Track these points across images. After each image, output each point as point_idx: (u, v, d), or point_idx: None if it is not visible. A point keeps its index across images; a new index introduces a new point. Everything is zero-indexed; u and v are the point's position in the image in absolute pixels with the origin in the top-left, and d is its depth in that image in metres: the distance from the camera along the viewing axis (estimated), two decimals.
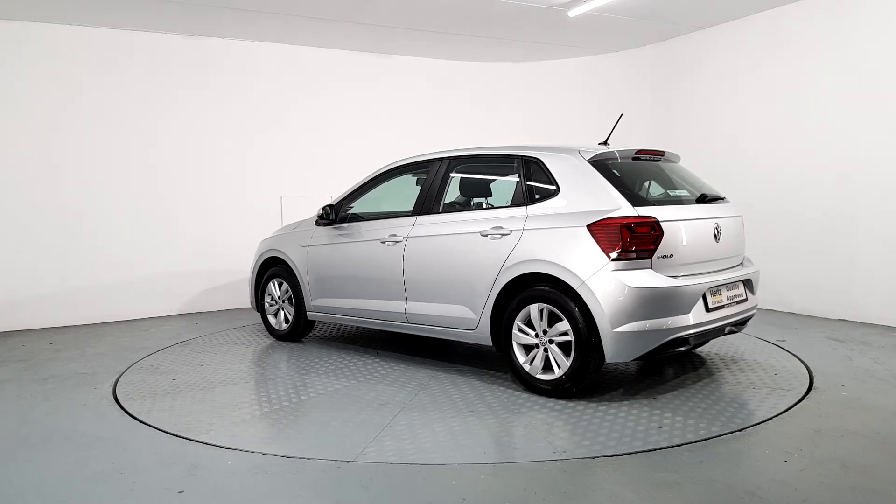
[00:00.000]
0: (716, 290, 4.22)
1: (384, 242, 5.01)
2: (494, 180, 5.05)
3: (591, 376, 4.03)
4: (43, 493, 3.01)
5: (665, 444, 3.37)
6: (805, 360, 4.92)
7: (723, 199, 4.75)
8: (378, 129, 8.51)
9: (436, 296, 4.72)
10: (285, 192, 7.97)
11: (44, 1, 6.19)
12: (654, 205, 4.12)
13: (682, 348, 4.08)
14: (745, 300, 4.53)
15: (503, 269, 4.29)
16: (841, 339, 5.57)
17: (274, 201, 7.91)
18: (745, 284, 4.55)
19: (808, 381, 4.42)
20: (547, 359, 4.14)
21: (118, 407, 4.22)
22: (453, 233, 4.63)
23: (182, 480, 3.09)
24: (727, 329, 4.35)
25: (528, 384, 4.26)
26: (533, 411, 3.94)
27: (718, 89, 7.49)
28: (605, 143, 4.81)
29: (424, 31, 7.46)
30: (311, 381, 4.70)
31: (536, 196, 4.34)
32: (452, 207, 4.98)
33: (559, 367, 4.08)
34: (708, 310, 4.11)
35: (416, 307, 4.85)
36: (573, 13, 6.68)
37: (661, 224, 3.98)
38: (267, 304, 6.08)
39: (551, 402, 4.06)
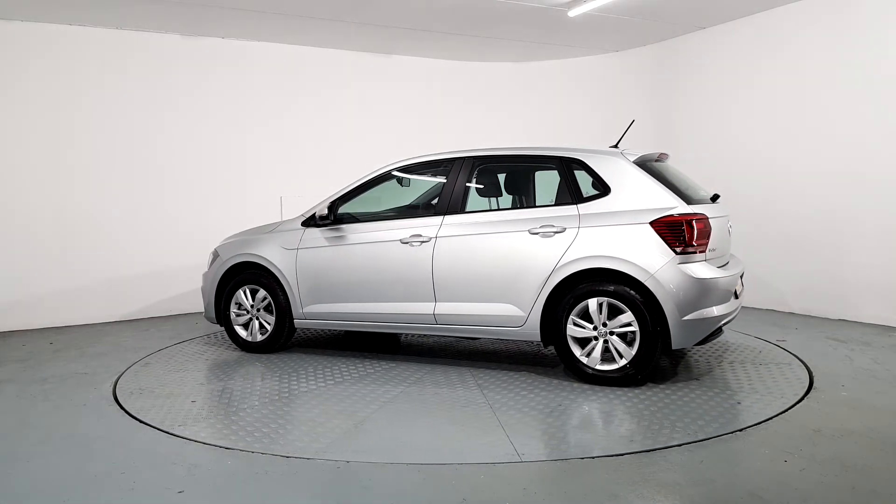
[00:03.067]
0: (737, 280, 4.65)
1: (406, 243, 4.90)
2: (532, 180, 5.17)
3: (653, 363, 4.27)
4: (43, 493, 3.01)
5: (665, 444, 3.38)
6: (805, 360, 4.92)
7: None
8: (378, 128, 8.50)
9: (475, 295, 4.68)
10: (285, 192, 7.97)
11: (44, 1, 6.19)
12: (697, 203, 4.46)
13: (718, 336, 4.44)
14: (743, 289, 4.93)
15: (559, 266, 4.39)
16: (841, 339, 5.57)
17: (274, 201, 7.91)
18: (740, 276, 4.93)
19: (808, 381, 4.43)
20: (606, 350, 4.33)
21: (118, 407, 4.22)
22: (496, 231, 4.63)
23: (182, 480, 3.09)
24: None
25: (586, 375, 4.40)
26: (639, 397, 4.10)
27: (718, 89, 7.49)
28: (616, 146, 4.92)
29: (424, 31, 7.46)
30: (361, 389, 4.45)
31: (584, 195, 4.52)
32: (484, 206, 5.06)
33: (622, 356, 4.29)
34: (735, 297, 4.56)
35: (449, 307, 4.78)
36: (573, 13, 6.68)
37: (710, 220, 4.39)
38: (233, 315, 5.58)
39: (624, 390, 4.29)
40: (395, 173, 5.28)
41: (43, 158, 6.88)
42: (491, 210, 4.97)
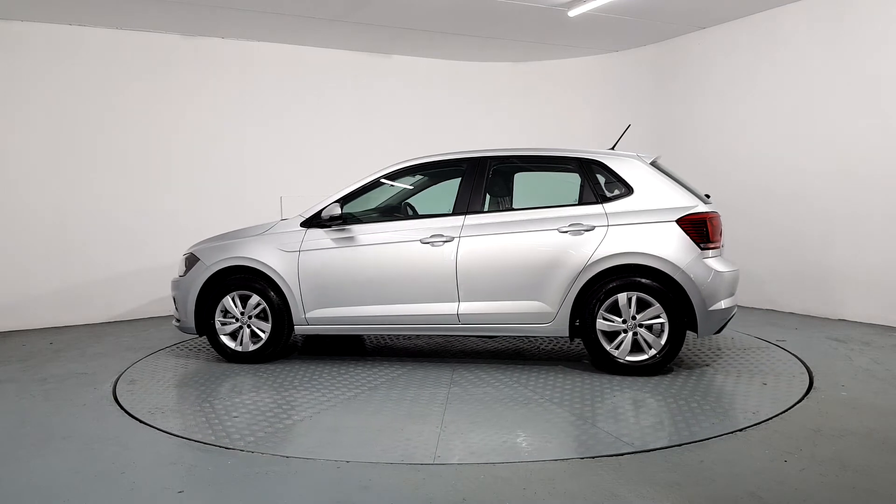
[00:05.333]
0: None
1: (426, 243, 4.83)
2: (553, 180, 5.28)
3: (678, 352, 4.59)
4: (43, 493, 3.00)
5: (665, 444, 3.38)
6: (805, 360, 4.92)
7: None
8: (378, 128, 8.50)
9: (502, 294, 4.72)
10: (285, 192, 7.97)
11: (44, 1, 6.19)
12: (706, 202, 4.74)
13: (723, 329, 4.72)
14: None
15: (590, 262, 4.57)
16: (841, 339, 5.57)
17: (274, 201, 7.91)
18: None
19: (808, 381, 4.43)
20: (635, 342, 4.56)
21: (118, 407, 4.22)
22: (523, 231, 4.72)
23: (182, 480, 3.10)
24: None
25: (616, 367, 4.61)
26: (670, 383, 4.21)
27: (718, 89, 7.49)
28: (612, 148, 5.04)
29: (424, 31, 7.46)
30: (403, 394, 4.34)
31: (608, 195, 4.73)
32: (503, 206, 5.18)
33: (652, 347, 4.53)
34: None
35: (474, 307, 4.77)
36: (573, 13, 6.67)
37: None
38: (219, 324, 5.16)
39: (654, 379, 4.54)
40: (384, 181, 5.18)
41: (43, 158, 6.87)
42: (514, 209, 5.00)
